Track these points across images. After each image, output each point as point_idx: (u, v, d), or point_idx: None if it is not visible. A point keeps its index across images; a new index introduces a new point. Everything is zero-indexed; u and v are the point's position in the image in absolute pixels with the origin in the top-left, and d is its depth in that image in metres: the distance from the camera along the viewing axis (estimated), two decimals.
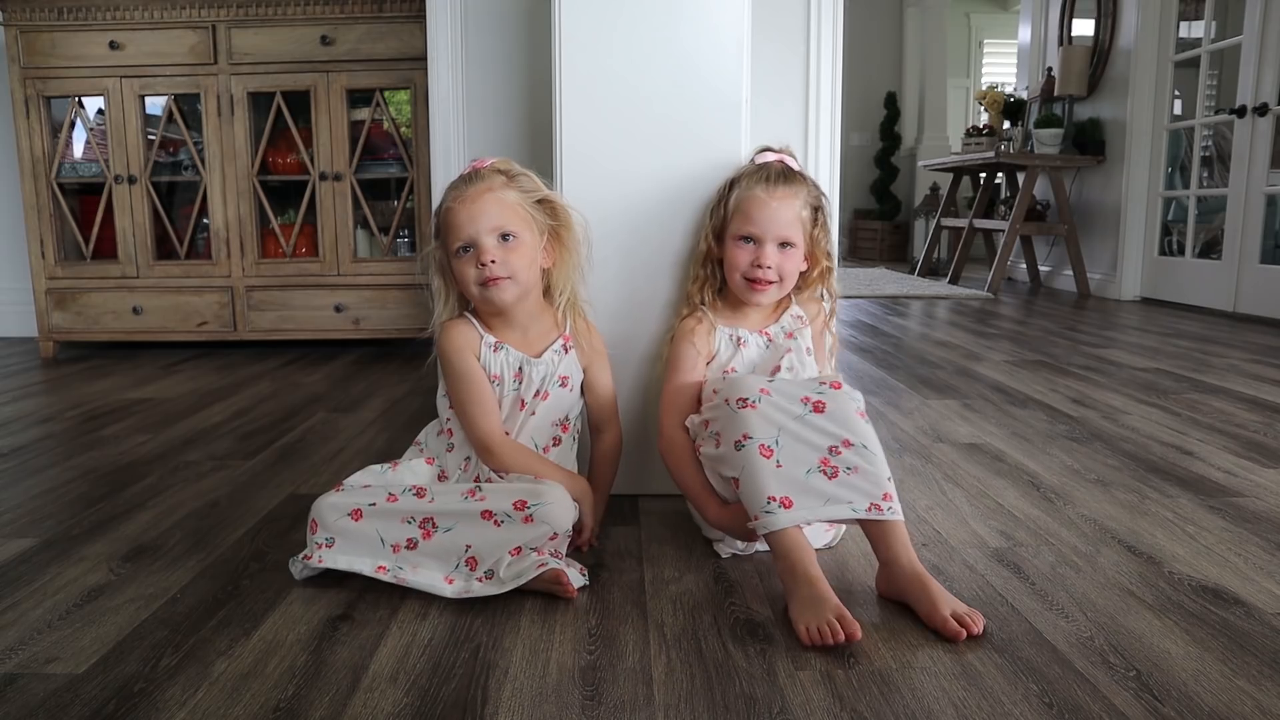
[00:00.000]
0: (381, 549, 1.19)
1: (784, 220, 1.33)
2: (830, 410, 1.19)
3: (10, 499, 1.57)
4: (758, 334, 1.40)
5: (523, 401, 1.34)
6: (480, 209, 1.26)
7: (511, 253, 1.27)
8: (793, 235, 1.34)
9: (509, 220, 1.27)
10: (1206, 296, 4.23)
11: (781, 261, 1.34)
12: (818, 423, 1.18)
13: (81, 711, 0.90)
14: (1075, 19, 5.33)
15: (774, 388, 1.22)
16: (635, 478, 1.55)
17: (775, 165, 1.36)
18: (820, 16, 1.73)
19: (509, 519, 1.18)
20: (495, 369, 1.32)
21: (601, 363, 1.40)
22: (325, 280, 3.04)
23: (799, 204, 1.34)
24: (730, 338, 1.39)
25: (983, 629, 1.05)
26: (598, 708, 0.91)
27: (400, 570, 1.18)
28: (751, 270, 1.34)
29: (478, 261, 1.26)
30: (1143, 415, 2.13)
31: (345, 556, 1.19)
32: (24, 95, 2.98)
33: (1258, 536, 1.36)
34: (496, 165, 1.32)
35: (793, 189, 1.34)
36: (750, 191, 1.34)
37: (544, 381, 1.34)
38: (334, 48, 2.91)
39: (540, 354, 1.34)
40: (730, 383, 1.26)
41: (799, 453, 1.17)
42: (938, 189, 7.02)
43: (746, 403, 1.20)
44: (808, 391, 1.22)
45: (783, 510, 1.14)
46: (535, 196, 1.31)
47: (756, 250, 1.33)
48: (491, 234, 1.26)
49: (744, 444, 1.18)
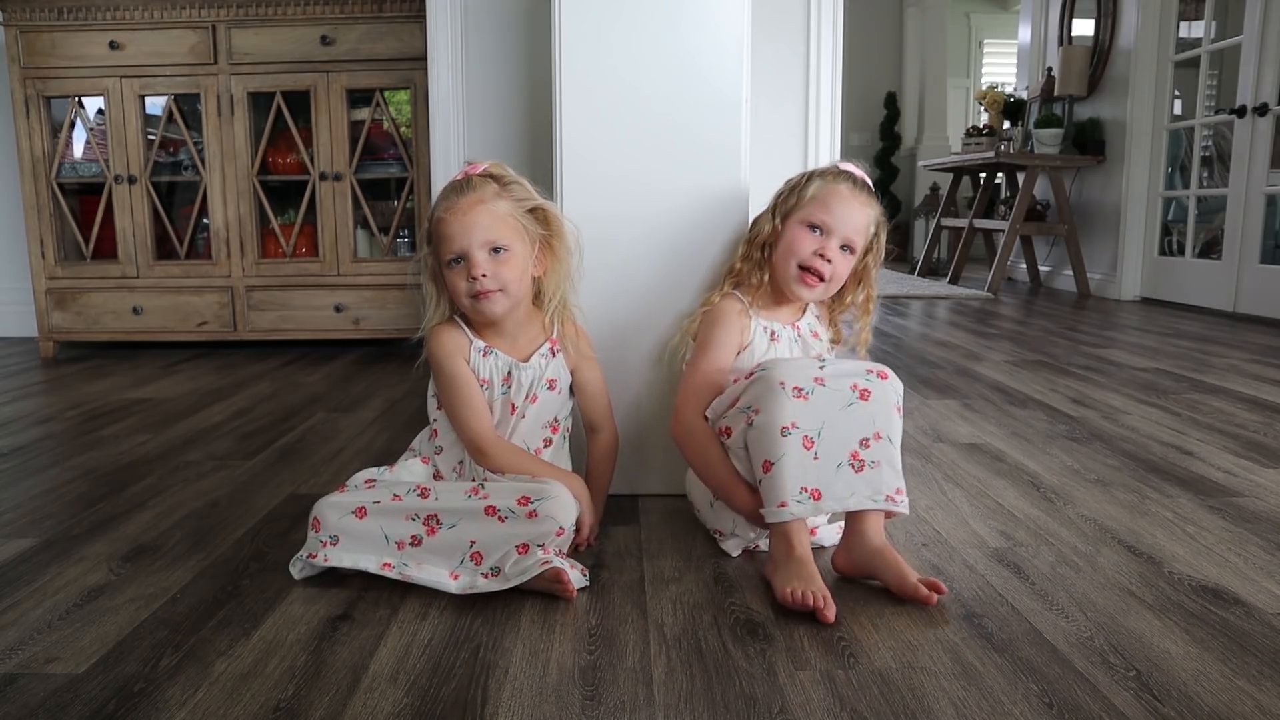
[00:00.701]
0: (386, 546, 1.19)
1: (857, 223, 1.34)
2: (874, 398, 1.23)
3: (10, 499, 1.57)
4: (789, 327, 1.41)
5: (513, 406, 1.34)
6: (472, 221, 1.25)
7: (502, 265, 1.27)
8: (857, 241, 1.35)
9: (501, 233, 1.27)
10: (1206, 296, 4.23)
11: (839, 261, 1.34)
12: (859, 412, 1.22)
13: (81, 711, 0.90)
14: (1075, 19, 5.33)
15: (828, 375, 1.23)
16: (635, 478, 1.55)
17: (859, 175, 1.38)
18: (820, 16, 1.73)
19: (513, 515, 1.18)
20: (484, 373, 1.33)
21: (590, 364, 1.40)
22: (325, 280, 3.04)
23: (872, 216, 1.36)
24: (765, 330, 1.39)
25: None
26: (598, 708, 0.91)
27: (405, 567, 1.18)
28: (811, 259, 1.33)
29: (469, 275, 1.26)
30: (1143, 415, 2.13)
31: (350, 554, 1.19)
32: (24, 95, 2.98)
33: (1258, 536, 1.36)
34: (489, 170, 1.30)
35: (871, 201, 1.37)
36: (835, 185, 1.34)
37: (532, 385, 1.34)
38: (334, 48, 2.91)
39: (528, 358, 1.34)
40: (780, 366, 1.26)
41: (835, 445, 1.20)
42: (938, 189, 7.02)
43: (801, 392, 1.21)
44: (857, 378, 1.24)
45: (811, 502, 1.19)
46: (527, 205, 1.31)
47: (823, 240, 1.33)
48: (483, 248, 1.26)
49: (790, 432, 1.19)
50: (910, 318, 4.05)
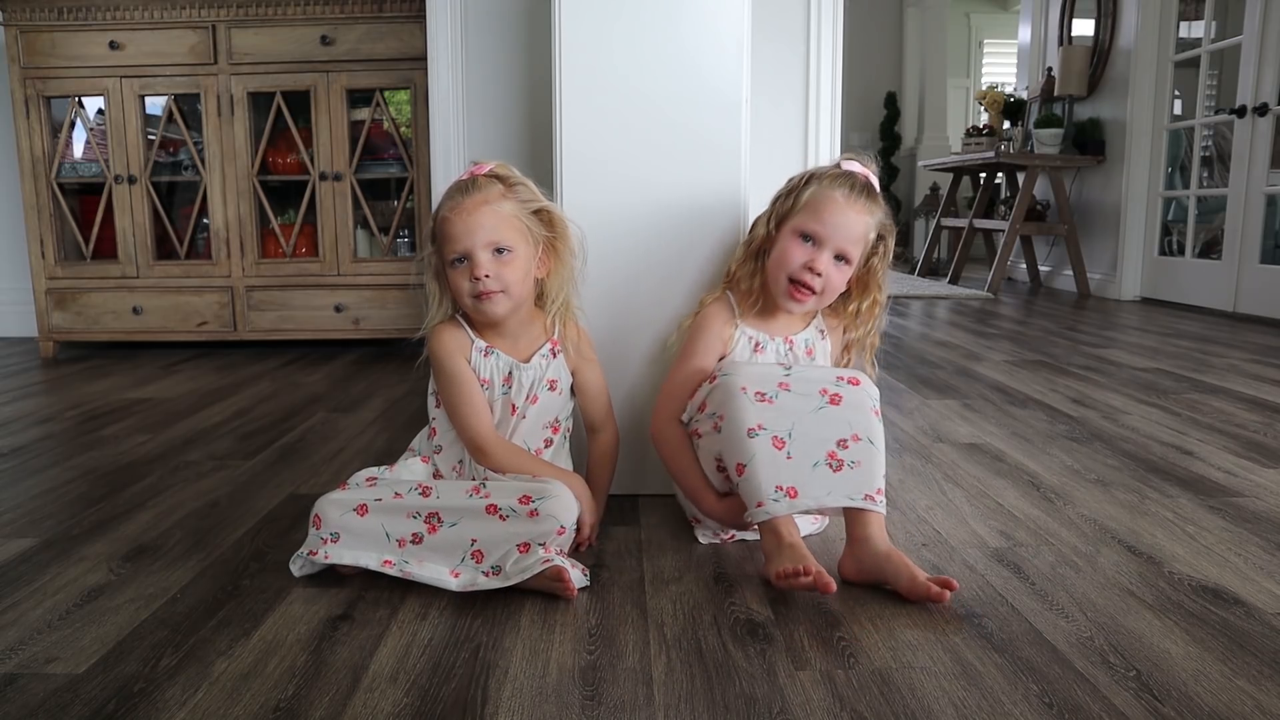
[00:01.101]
0: (387, 543, 1.19)
1: (852, 233, 1.29)
2: (846, 402, 1.22)
3: (10, 499, 1.57)
4: (780, 340, 1.38)
5: (514, 406, 1.34)
6: (477, 222, 1.25)
7: (505, 266, 1.27)
8: (852, 251, 1.30)
9: (505, 234, 1.27)
10: (1206, 296, 4.23)
11: (831, 273, 1.29)
12: (832, 415, 1.21)
13: (81, 711, 0.90)
14: (1075, 19, 5.33)
15: (794, 380, 1.23)
16: (635, 478, 1.55)
17: (860, 177, 1.32)
18: (820, 16, 1.73)
19: (514, 514, 1.18)
20: (485, 373, 1.33)
21: (592, 365, 1.40)
22: (325, 280, 3.04)
23: (872, 223, 1.31)
24: (749, 340, 1.37)
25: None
26: (598, 708, 0.91)
27: (406, 564, 1.18)
28: (800, 272, 1.29)
29: (472, 275, 1.26)
30: (1143, 415, 2.13)
31: (350, 551, 1.19)
32: (24, 95, 2.98)
33: (1258, 536, 1.36)
34: (495, 171, 1.30)
35: (871, 206, 1.31)
36: (830, 191, 1.29)
37: (533, 386, 1.34)
38: (334, 48, 2.91)
39: (529, 359, 1.34)
40: (740, 370, 1.25)
41: (810, 445, 1.20)
42: (938, 189, 7.02)
43: (764, 396, 1.21)
44: (826, 384, 1.23)
45: (787, 499, 1.18)
46: (532, 207, 1.30)
47: (814, 252, 1.29)
48: (487, 248, 1.26)
49: (757, 433, 1.19)
50: (910, 318, 4.05)
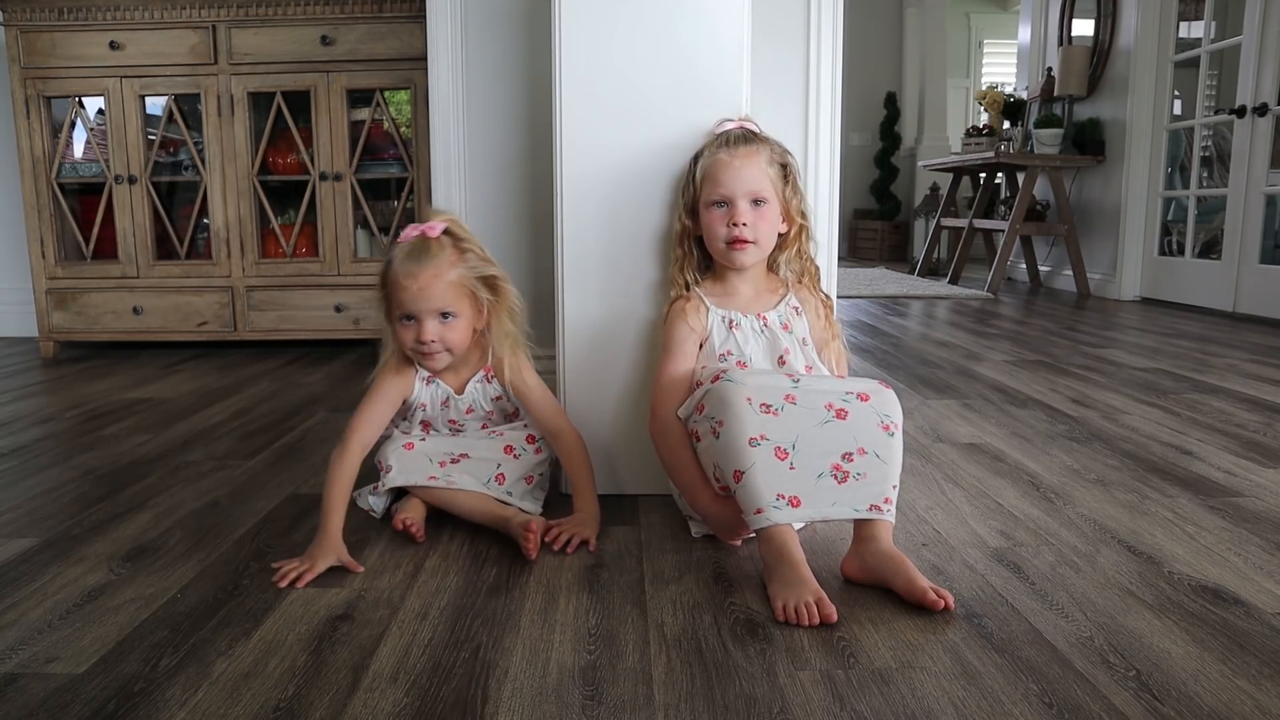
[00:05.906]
0: (430, 465, 1.41)
1: (750, 177, 1.35)
2: (853, 418, 1.22)
3: (10, 499, 1.57)
4: (754, 317, 1.40)
5: (452, 420, 1.49)
6: (427, 294, 1.34)
7: (450, 330, 1.37)
8: (763, 191, 1.36)
9: (451, 301, 1.36)
10: (1206, 296, 4.23)
11: (756, 220, 1.36)
12: (837, 429, 1.21)
13: (81, 711, 0.90)
14: (1075, 19, 5.33)
15: (801, 392, 1.23)
16: (635, 478, 1.55)
17: (734, 130, 1.39)
18: (820, 16, 1.73)
19: (524, 451, 1.46)
20: (425, 398, 1.46)
21: (529, 375, 1.45)
22: (325, 280, 3.04)
23: (763, 160, 1.37)
24: (723, 320, 1.39)
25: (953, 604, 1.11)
26: (598, 708, 0.91)
27: (449, 477, 1.40)
28: (730, 233, 1.35)
29: (418, 336, 1.36)
30: (1143, 415, 2.13)
31: (402, 475, 1.40)
32: (24, 95, 2.98)
33: (1258, 536, 1.36)
34: (448, 229, 1.37)
35: (754, 147, 1.37)
36: (714, 157, 1.37)
37: (469, 404, 1.47)
38: (334, 48, 2.91)
39: (463, 388, 1.46)
40: (750, 381, 1.24)
41: (814, 458, 1.19)
42: (938, 189, 7.02)
43: (770, 409, 1.21)
44: (834, 398, 1.23)
45: (789, 508, 1.17)
46: (479, 273, 1.38)
47: (730, 211, 1.35)
48: (433, 316, 1.36)
49: (759, 443, 1.19)
50: (910, 318, 4.05)
